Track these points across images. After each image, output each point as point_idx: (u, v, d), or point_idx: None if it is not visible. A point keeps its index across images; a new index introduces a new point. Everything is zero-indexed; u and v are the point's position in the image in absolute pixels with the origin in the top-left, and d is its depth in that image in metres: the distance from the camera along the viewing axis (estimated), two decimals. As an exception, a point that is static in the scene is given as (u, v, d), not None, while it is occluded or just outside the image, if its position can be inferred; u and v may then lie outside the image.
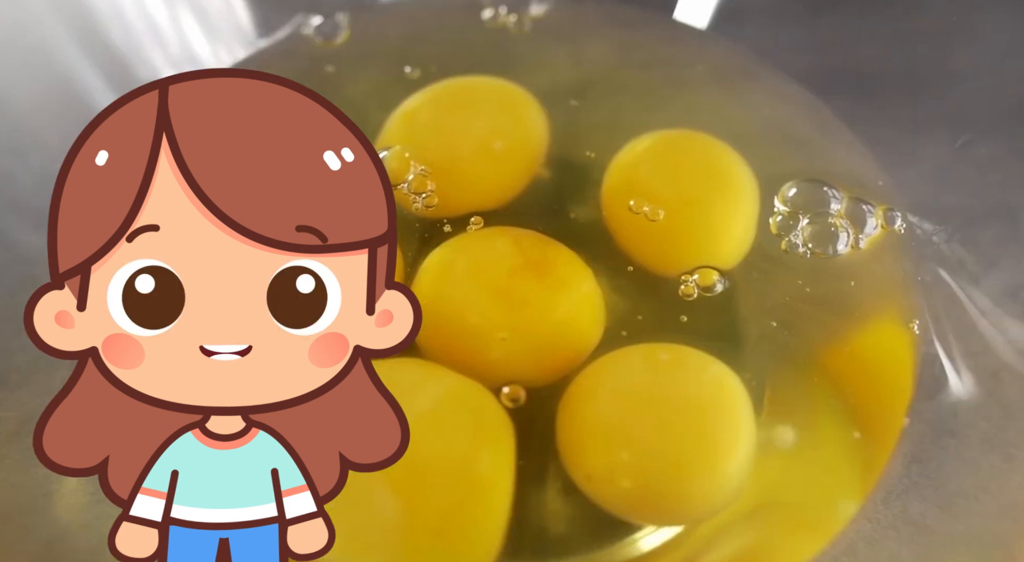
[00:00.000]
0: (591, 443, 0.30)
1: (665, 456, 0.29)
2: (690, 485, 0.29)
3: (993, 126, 0.38)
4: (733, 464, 0.29)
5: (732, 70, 0.41)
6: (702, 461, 0.29)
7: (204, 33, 0.44)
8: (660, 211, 0.35)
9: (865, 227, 0.36)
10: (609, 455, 0.29)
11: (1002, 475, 0.33)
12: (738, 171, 0.36)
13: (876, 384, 0.36)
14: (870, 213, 0.37)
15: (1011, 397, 0.34)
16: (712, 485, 0.29)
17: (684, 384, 0.30)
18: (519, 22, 0.45)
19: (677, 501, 0.29)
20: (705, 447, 0.29)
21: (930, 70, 0.40)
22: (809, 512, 0.34)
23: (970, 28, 0.39)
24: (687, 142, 0.37)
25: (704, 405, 0.29)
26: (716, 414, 0.29)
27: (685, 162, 0.36)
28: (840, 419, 0.34)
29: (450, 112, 0.37)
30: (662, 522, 0.32)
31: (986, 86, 0.38)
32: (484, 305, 0.31)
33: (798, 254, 0.36)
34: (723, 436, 0.29)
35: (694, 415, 0.29)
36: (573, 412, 0.31)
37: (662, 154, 0.37)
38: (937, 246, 0.37)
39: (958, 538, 0.32)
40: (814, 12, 0.43)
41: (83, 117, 0.22)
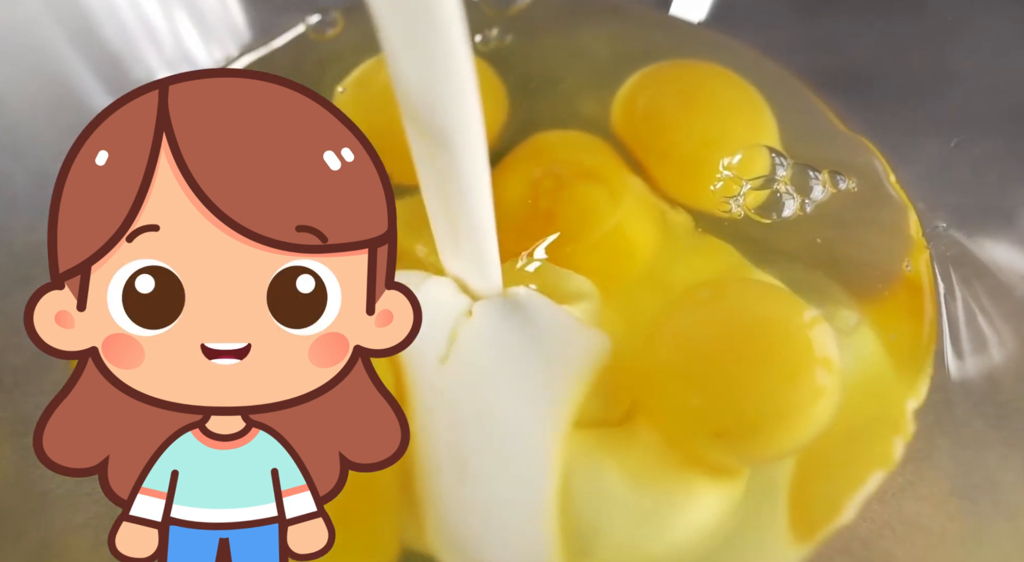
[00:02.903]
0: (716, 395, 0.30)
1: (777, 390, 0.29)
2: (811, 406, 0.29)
3: (989, 127, 0.38)
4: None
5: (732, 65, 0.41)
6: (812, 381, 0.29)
7: (199, 33, 0.44)
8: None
9: (811, 193, 0.37)
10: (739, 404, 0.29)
11: (997, 474, 0.33)
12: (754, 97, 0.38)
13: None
14: (816, 179, 0.37)
15: (1005, 397, 0.34)
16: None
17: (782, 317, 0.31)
18: (507, 14, 0.45)
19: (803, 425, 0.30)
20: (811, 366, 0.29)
21: (927, 71, 0.40)
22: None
23: (967, 29, 0.39)
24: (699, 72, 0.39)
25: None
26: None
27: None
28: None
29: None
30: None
31: (983, 87, 0.38)
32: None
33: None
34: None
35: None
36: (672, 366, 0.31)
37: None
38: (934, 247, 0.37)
39: (953, 538, 0.32)
40: (810, 13, 0.43)
41: (79, 118, 0.22)
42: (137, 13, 0.44)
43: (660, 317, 0.32)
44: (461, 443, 0.29)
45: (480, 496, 0.29)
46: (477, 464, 0.29)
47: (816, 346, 0.30)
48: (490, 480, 0.29)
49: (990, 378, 0.34)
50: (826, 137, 0.40)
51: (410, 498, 0.30)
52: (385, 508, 0.30)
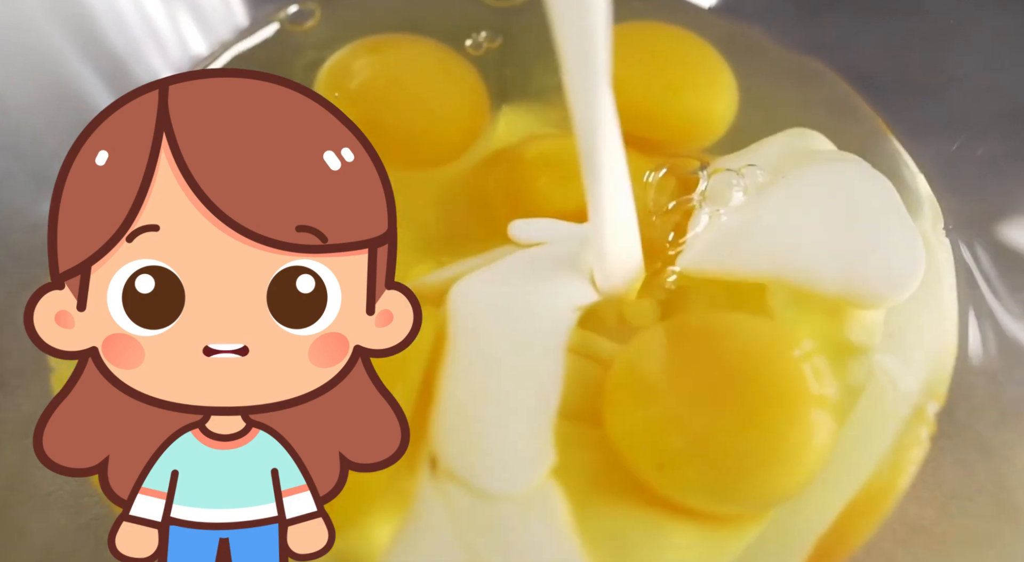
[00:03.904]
0: (658, 428, 0.29)
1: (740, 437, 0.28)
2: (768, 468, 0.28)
3: (991, 128, 0.38)
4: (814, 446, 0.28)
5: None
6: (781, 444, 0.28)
7: (202, 35, 0.44)
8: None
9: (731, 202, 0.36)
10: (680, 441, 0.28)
11: (998, 477, 0.33)
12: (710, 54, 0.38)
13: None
14: (738, 185, 0.36)
15: (1007, 399, 0.34)
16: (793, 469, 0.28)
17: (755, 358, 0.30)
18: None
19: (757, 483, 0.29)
20: (783, 430, 0.28)
21: (927, 73, 0.40)
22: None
23: (967, 31, 0.39)
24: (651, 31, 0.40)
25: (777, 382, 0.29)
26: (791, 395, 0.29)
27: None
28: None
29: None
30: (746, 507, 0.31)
31: (983, 88, 0.38)
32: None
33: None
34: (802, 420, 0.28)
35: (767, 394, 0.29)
36: (630, 396, 0.30)
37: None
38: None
39: (954, 540, 0.32)
40: (810, 15, 0.43)
41: (81, 118, 0.22)
42: (140, 14, 0.44)
43: (635, 342, 0.31)
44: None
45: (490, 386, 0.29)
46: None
47: (793, 390, 0.29)
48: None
49: (993, 379, 0.34)
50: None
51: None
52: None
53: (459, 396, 0.29)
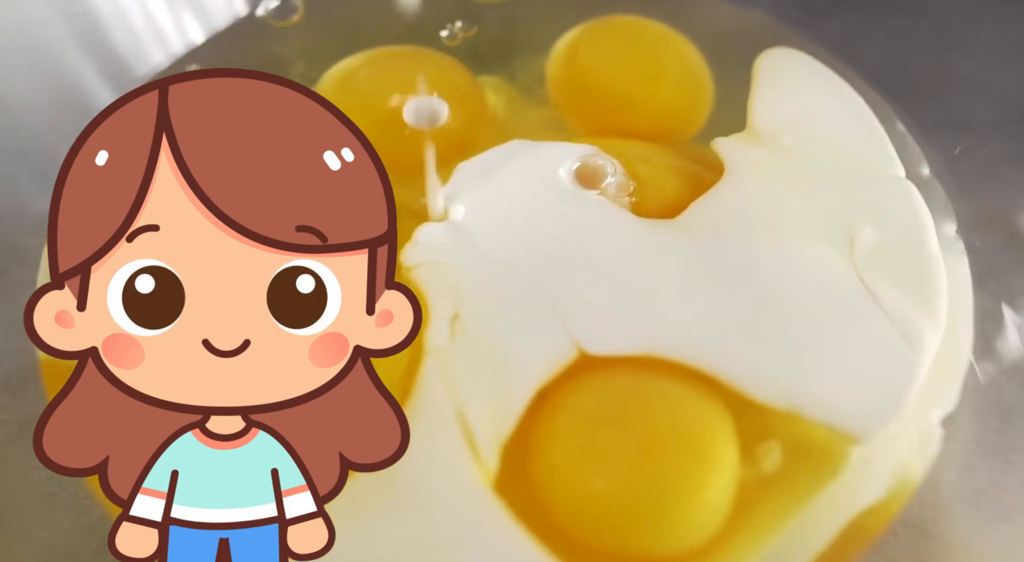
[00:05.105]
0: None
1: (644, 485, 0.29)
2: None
3: (993, 131, 0.38)
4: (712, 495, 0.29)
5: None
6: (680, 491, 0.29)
7: (205, 34, 0.44)
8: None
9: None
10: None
11: (1000, 479, 0.33)
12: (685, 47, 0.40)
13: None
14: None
15: (1008, 402, 0.34)
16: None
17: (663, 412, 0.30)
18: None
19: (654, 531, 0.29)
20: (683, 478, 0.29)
21: (930, 75, 0.40)
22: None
23: (970, 34, 0.39)
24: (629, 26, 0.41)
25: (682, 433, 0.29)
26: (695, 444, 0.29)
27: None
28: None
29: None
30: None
31: (986, 91, 0.38)
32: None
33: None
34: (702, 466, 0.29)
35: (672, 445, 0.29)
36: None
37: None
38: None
39: (956, 542, 0.32)
40: (813, 18, 0.43)
41: (83, 117, 0.22)
42: (144, 14, 0.44)
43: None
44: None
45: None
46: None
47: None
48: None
49: (994, 383, 0.34)
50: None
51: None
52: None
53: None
